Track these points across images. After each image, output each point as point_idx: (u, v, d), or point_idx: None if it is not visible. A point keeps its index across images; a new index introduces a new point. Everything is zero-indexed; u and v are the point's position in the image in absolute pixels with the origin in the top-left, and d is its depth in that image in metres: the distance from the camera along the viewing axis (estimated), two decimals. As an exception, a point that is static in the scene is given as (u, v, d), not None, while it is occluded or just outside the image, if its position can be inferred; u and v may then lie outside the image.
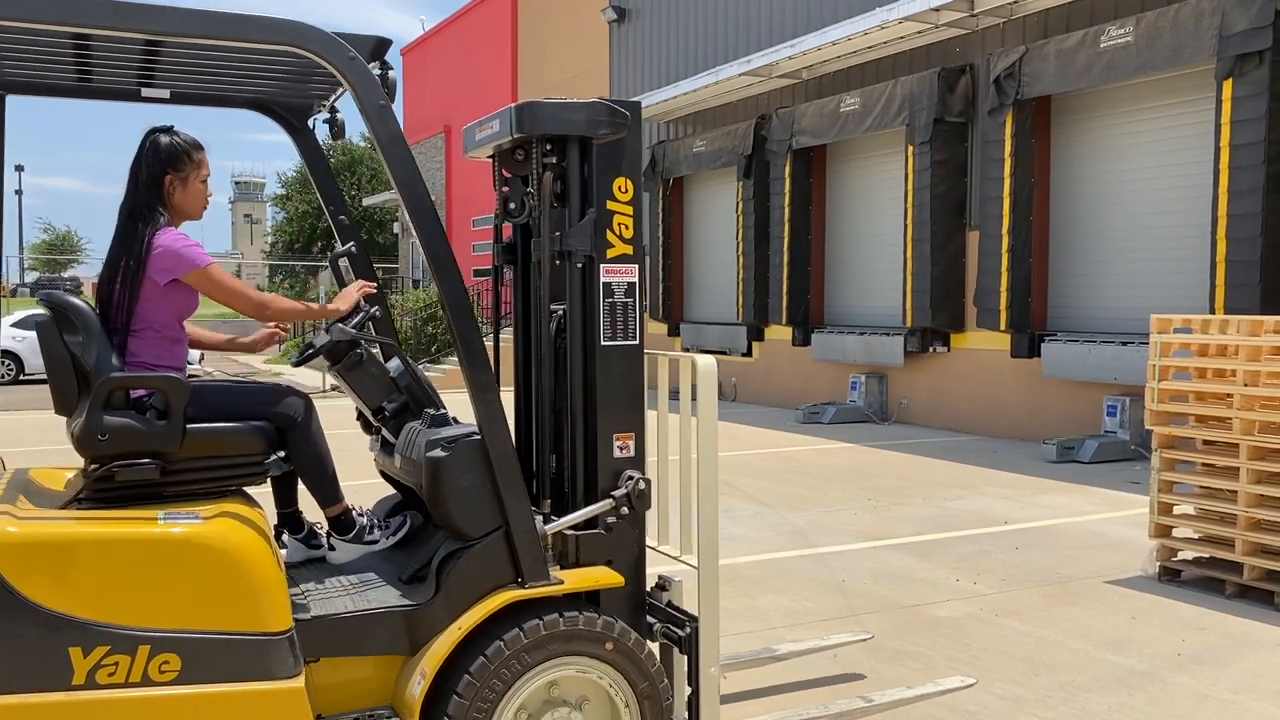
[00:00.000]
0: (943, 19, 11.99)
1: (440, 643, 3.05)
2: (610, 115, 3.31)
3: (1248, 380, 5.66)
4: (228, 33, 2.83)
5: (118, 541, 2.77)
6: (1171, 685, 4.50)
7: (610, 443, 3.41)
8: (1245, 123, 9.19)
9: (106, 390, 2.95)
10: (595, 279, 3.36)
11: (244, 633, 2.82)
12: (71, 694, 2.67)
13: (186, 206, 3.23)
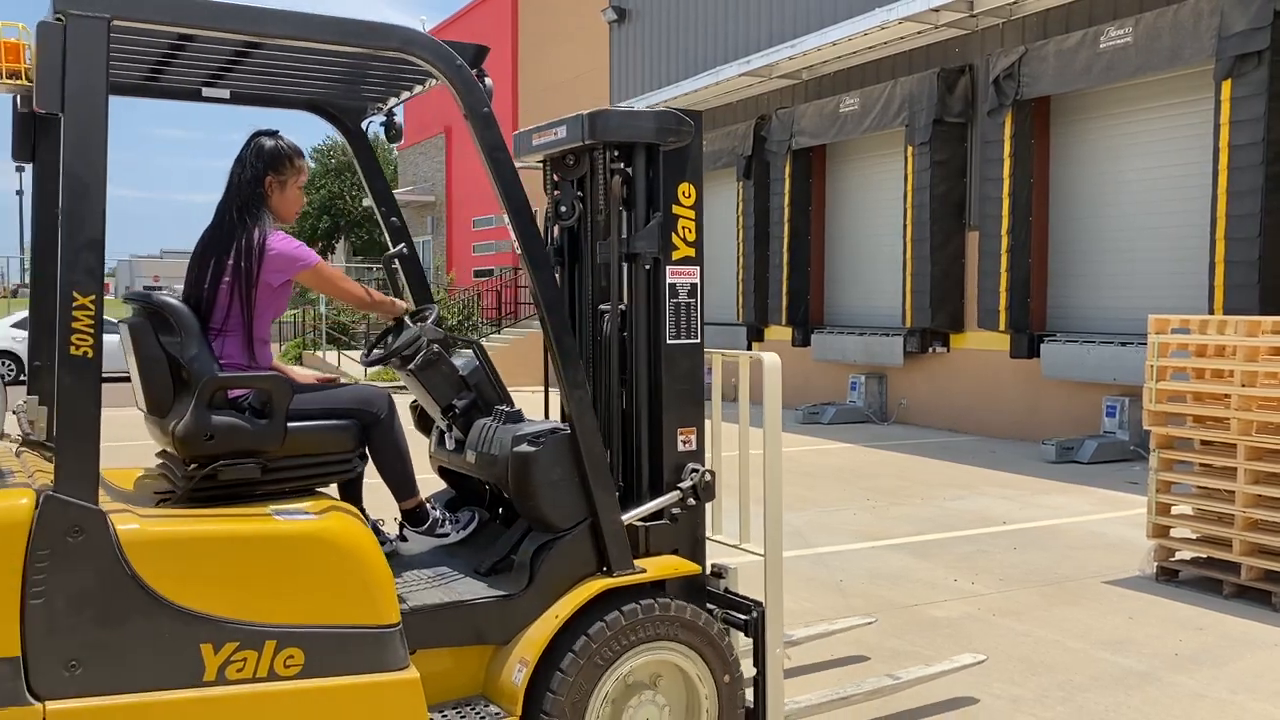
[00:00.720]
0: (942, 19, 11.99)
1: (538, 631, 3.13)
2: (677, 123, 3.47)
3: (1245, 381, 5.67)
4: (344, 38, 2.94)
5: (245, 538, 2.80)
6: (1169, 685, 4.51)
7: (674, 437, 3.53)
8: (1244, 123, 9.20)
9: (211, 390, 2.98)
10: (661, 280, 3.50)
11: (361, 626, 2.87)
12: (204, 690, 2.69)
13: (282, 209, 3.30)
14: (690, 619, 3.30)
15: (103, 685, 2.59)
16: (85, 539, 2.59)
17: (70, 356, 2.61)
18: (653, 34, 18.75)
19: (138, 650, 2.63)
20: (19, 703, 2.49)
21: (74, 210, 2.65)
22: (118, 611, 2.62)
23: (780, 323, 15.19)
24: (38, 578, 2.54)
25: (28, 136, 3.21)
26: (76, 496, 2.60)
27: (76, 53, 2.62)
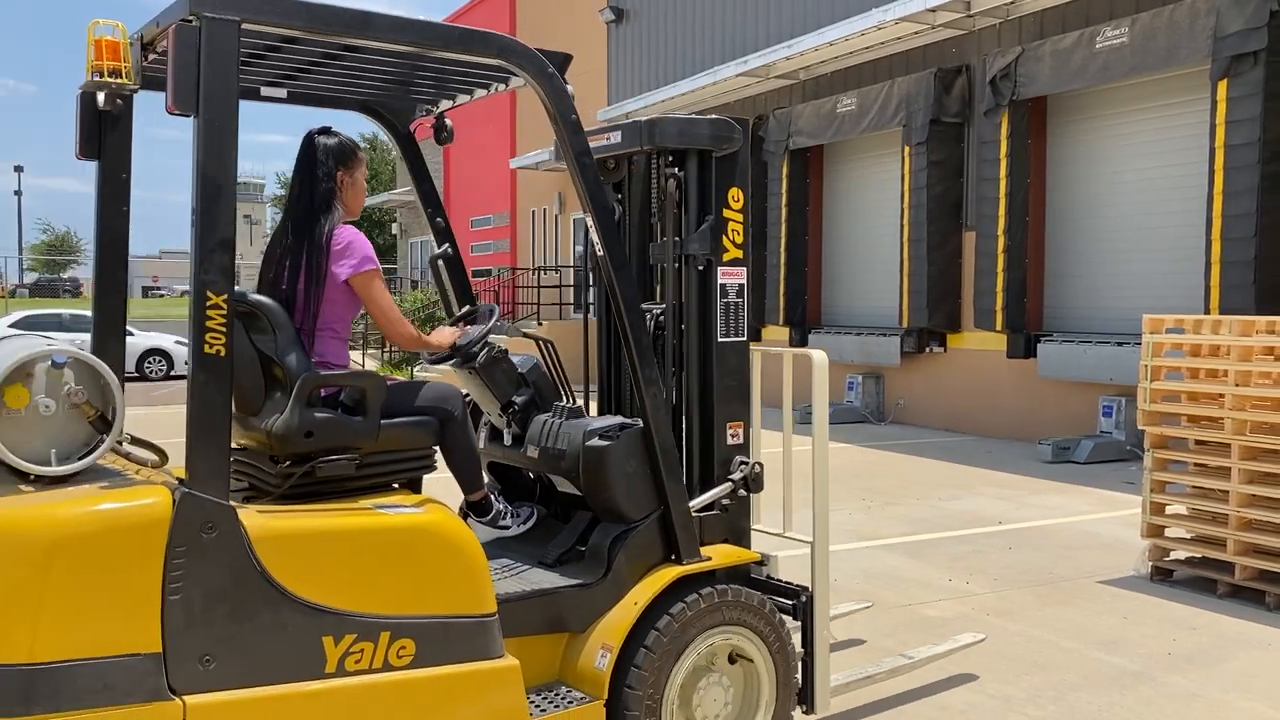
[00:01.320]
0: (939, 20, 11.99)
1: (619, 617, 3.25)
2: (730, 130, 3.64)
3: (1239, 380, 5.67)
4: (449, 45, 3.05)
5: (361, 532, 2.86)
6: (1162, 685, 4.51)
7: (724, 431, 3.68)
8: (1240, 123, 9.20)
9: (310, 388, 3.00)
10: (713, 280, 3.64)
11: (464, 616, 2.94)
12: (326, 682, 2.73)
13: (352, 203, 3.33)
14: (754, 604, 3.46)
15: (233, 679, 2.63)
16: (218, 535, 2.63)
17: (205, 355, 2.65)
18: (650, 34, 18.75)
19: (265, 644, 2.67)
20: (162, 698, 2.53)
21: (207, 210, 2.67)
22: (247, 606, 2.66)
23: (778, 323, 15.19)
24: (175, 574, 2.57)
25: (95, 134, 3.18)
26: (209, 493, 2.64)
27: (210, 54, 2.65)
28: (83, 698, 2.45)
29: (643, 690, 3.21)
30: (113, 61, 2.88)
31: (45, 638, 2.45)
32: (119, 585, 2.53)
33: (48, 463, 2.68)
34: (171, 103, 2.66)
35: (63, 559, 2.48)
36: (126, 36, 2.91)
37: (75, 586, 2.49)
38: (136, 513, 2.57)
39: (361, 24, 2.89)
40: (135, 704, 2.50)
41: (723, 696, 3.45)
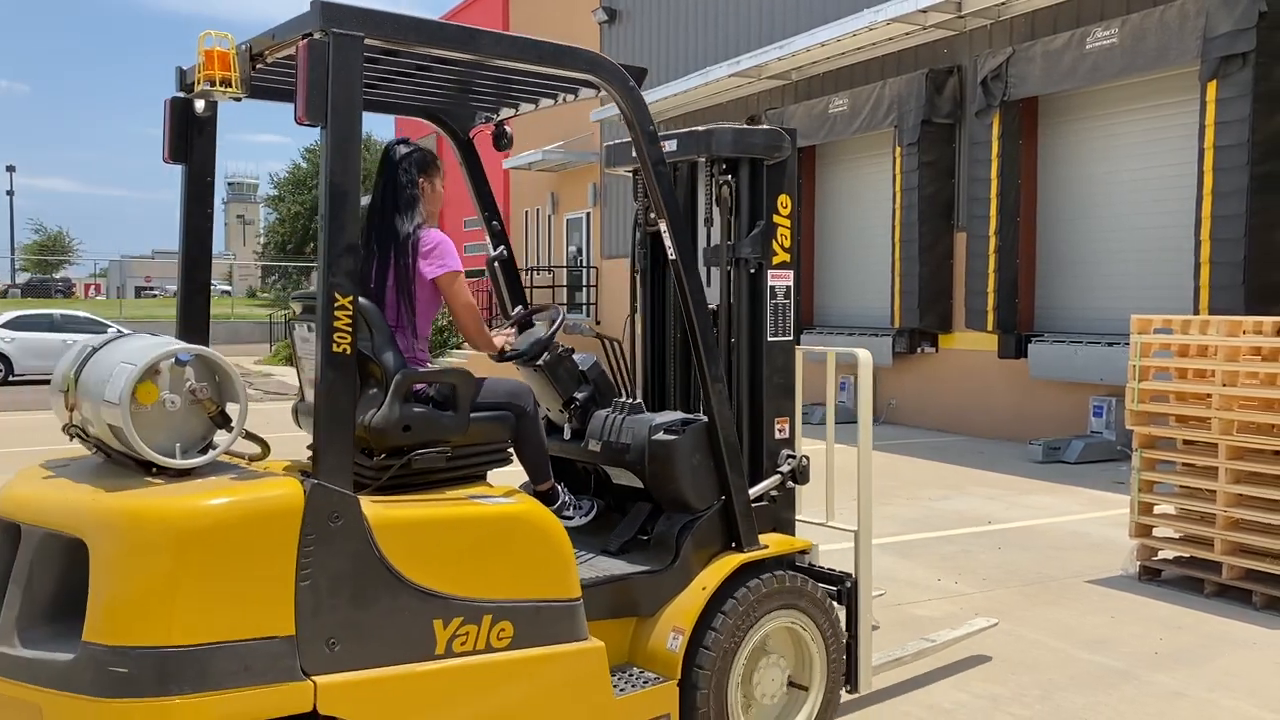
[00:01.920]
0: (930, 20, 12.01)
1: (689, 602, 3.43)
2: (781, 140, 3.82)
3: (1226, 380, 5.69)
4: (542, 59, 3.22)
5: (466, 520, 3.02)
6: (1147, 684, 4.53)
7: (773, 426, 3.89)
8: (1229, 124, 9.23)
9: (407, 384, 3.11)
10: (763, 283, 3.84)
11: (555, 600, 3.10)
12: (436, 663, 2.86)
13: (432, 209, 3.46)
14: (807, 589, 3.68)
15: (355, 661, 2.74)
16: (344, 524, 2.74)
17: (332, 354, 2.76)
18: (643, 34, 18.76)
19: (383, 627, 2.79)
20: (295, 679, 2.64)
21: (335, 216, 2.78)
22: (368, 591, 2.77)
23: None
24: (306, 561, 2.68)
25: (184, 139, 3.30)
26: (336, 484, 2.75)
27: (338, 68, 2.75)
28: (223, 679, 2.55)
29: (711, 670, 3.39)
30: (222, 71, 2.96)
31: (185, 622, 2.53)
32: (256, 572, 2.63)
33: (173, 455, 2.76)
34: (302, 114, 2.75)
35: (204, 547, 2.57)
36: (234, 47, 3.01)
37: (215, 573, 2.58)
38: (272, 503, 2.68)
39: (468, 39, 3.07)
40: (271, 684, 2.60)
41: (779, 677, 3.65)
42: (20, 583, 2.72)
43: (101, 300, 52.39)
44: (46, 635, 2.65)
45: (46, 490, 2.81)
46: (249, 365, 24.81)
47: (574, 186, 21.86)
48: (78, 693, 2.51)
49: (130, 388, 2.67)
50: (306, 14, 2.81)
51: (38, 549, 2.73)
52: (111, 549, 2.56)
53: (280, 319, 28.28)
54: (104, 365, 2.82)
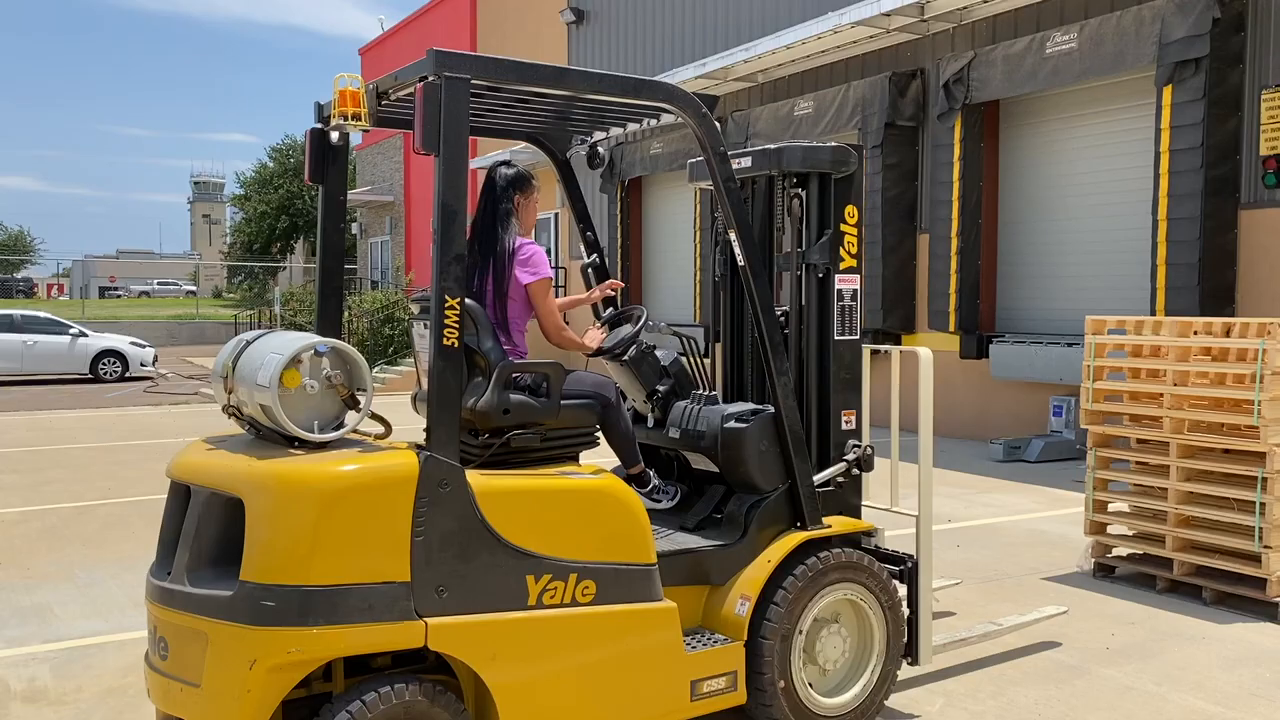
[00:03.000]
0: (894, 24, 12.12)
1: (755, 573, 3.83)
2: (847, 156, 4.22)
3: (1177, 380, 5.80)
4: (627, 92, 3.68)
5: (558, 490, 3.46)
6: (1098, 678, 4.61)
7: (840, 417, 4.26)
8: (1184, 128, 9.39)
9: (508, 374, 3.55)
10: (831, 286, 4.22)
11: (633, 564, 3.52)
12: (528, 613, 3.32)
13: (526, 221, 3.92)
14: (868, 565, 4.01)
15: (460, 607, 3.20)
16: (451, 490, 3.21)
17: (443, 346, 3.24)
18: (611, 35, 18.79)
19: (483, 579, 3.25)
20: (410, 618, 3.13)
21: (446, 230, 3.26)
22: (471, 547, 3.23)
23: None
24: (420, 519, 3.15)
25: (321, 163, 3.84)
26: (445, 456, 3.22)
27: (450, 106, 3.24)
28: (351, 615, 3.05)
29: (775, 634, 3.75)
30: (354, 107, 3.54)
31: (322, 566, 3.03)
32: (379, 527, 3.11)
33: (312, 431, 3.27)
34: (419, 144, 3.24)
35: (341, 505, 3.07)
36: (363, 87, 3.58)
37: (346, 527, 3.07)
38: (395, 470, 3.16)
39: (560, 77, 3.56)
40: (390, 621, 3.09)
41: (841, 645, 4.00)
42: (189, 534, 3.24)
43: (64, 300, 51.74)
44: (210, 576, 3.16)
45: (210, 459, 3.32)
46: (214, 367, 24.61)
47: (542, 187, 21.84)
48: (236, 621, 3.02)
49: (278, 374, 3.18)
50: (424, 60, 3.29)
51: (204, 506, 3.24)
52: (264, 505, 3.06)
53: (246, 320, 28.07)
54: (257, 355, 3.32)
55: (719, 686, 3.69)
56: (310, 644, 3.01)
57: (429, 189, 26.98)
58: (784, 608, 3.79)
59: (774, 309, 3.96)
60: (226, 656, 3.03)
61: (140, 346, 22.09)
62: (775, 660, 3.75)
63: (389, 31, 29.45)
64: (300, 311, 24.00)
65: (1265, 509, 5.38)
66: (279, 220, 46.09)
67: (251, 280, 49.71)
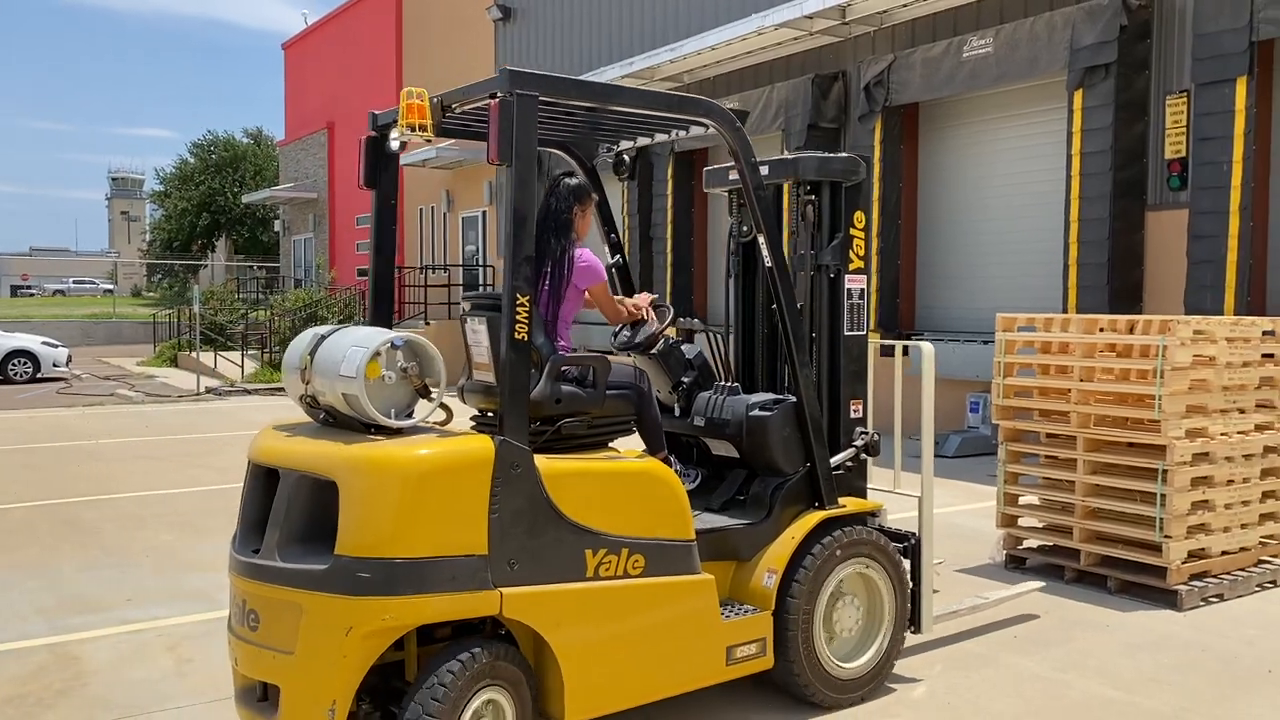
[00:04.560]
0: (817, 26, 12.27)
1: (781, 549, 4.16)
2: (857, 166, 4.59)
3: (1084, 376, 5.97)
4: (669, 108, 4.07)
5: (612, 472, 3.78)
6: (1005, 666, 4.73)
7: (849, 407, 4.60)
8: (1094, 132, 9.66)
9: (559, 367, 3.85)
10: (841, 286, 4.57)
11: (676, 539, 3.83)
12: (586, 584, 3.61)
13: (582, 230, 4.19)
14: (878, 541, 4.36)
15: (529, 578, 3.48)
16: (522, 471, 3.48)
17: (515, 340, 3.49)
18: (538, 33, 18.73)
19: (550, 553, 3.53)
20: (487, 588, 3.40)
21: (517, 234, 3.51)
22: (539, 525, 3.51)
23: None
24: (495, 498, 3.42)
25: (375, 169, 4.13)
26: (517, 440, 3.49)
27: (521, 121, 3.50)
28: (436, 584, 3.32)
29: (799, 604, 4.07)
30: (420, 119, 3.74)
31: (410, 540, 3.29)
32: (459, 505, 3.38)
33: (390, 417, 3.54)
34: (494, 156, 3.49)
35: (427, 484, 3.34)
36: (428, 100, 3.78)
37: (433, 504, 3.34)
38: (473, 454, 3.43)
39: (615, 93, 3.95)
40: (471, 591, 3.37)
41: (854, 615, 4.33)
42: (279, 513, 3.47)
43: None
44: (299, 553, 3.40)
45: (294, 444, 3.57)
46: (130, 367, 23.99)
47: (469, 184, 21.69)
48: (331, 592, 3.26)
49: (364, 365, 3.46)
50: (497, 78, 3.55)
51: (293, 488, 3.46)
52: (358, 485, 3.31)
53: (164, 319, 27.40)
54: (336, 349, 3.59)
55: (750, 652, 4.01)
56: (400, 611, 3.27)
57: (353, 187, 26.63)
58: (806, 580, 4.09)
59: (797, 306, 4.26)
60: (322, 625, 3.27)
61: (53, 346, 21.42)
62: (800, 628, 4.07)
63: (312, 26, 28.99)
64: (220, 310, 23.48)
65: (1165, 500, 5.57)
66: (200, 217, 45.08)
67: (172, 279, 48.51)
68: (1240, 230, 8.76)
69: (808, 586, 4.10)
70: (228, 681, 4.38)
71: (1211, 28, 8.90)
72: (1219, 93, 8.82)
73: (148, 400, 17.09)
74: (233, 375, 19.64)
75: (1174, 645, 5.01)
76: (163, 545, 7.06)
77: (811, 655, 4.13)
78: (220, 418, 14.64)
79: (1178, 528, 5.59)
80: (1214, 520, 5.75)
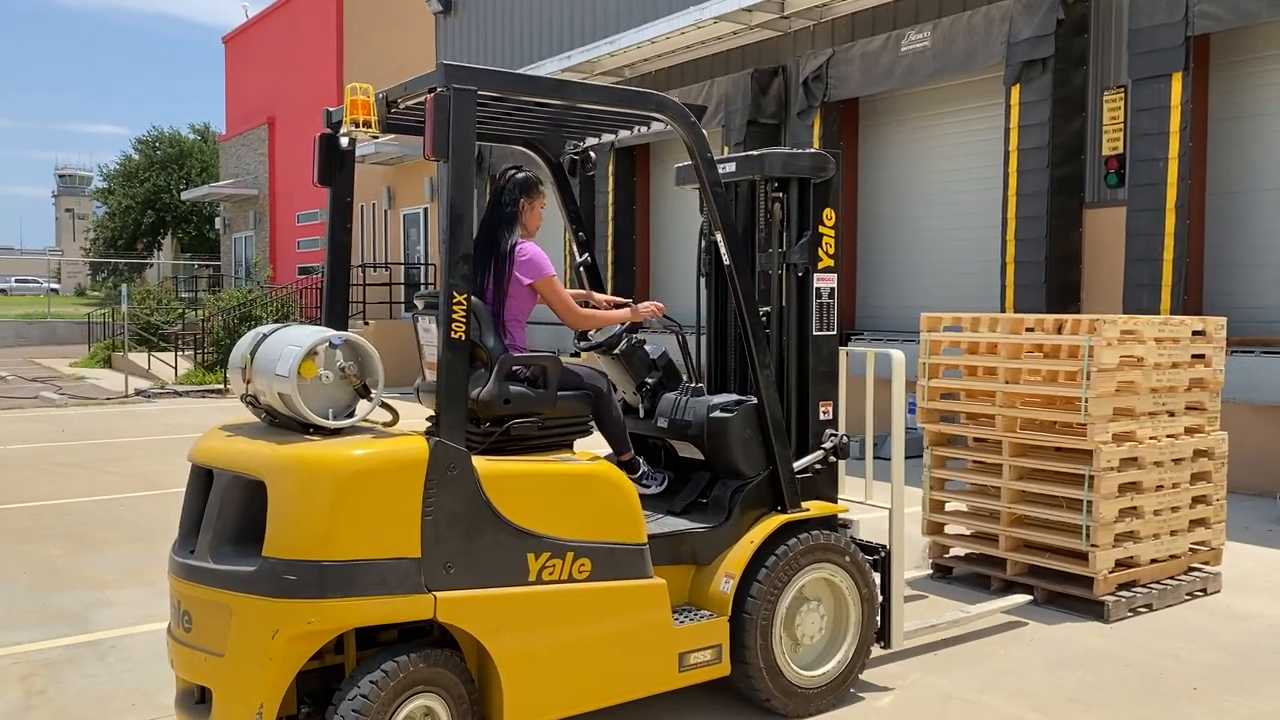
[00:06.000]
0: (755, 20, 12.02)
1: (739, 553, 4.05)
2: (826, 162, 4.44)
3: (1009, 378, 5.73)
4: (621, 103, 3.95)
5: (557, 475, 3.69)
6: (920, 687, 4.46)
7: (818, 408, 4.47)
8: (1031, 128, 9.49)
9: (508, 367, 3.77)
10: (810, 285, 4.43)
11: (626, 543, 3.75)
12: (529, 588, 3.53)
13: (530, 224, 4.12)
14: (843, 546, 4.24)
15: (467, 582, 3.42)
16: (459, 473, 3.42)
17: (451, 339, 3.43)
18: (478, 26, 18.35)
19: (489, 556, 3.46)
20: (420, 592, 3.33)
21: (454, 231, 3.44)
22: (476, 527, 3.44)
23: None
24: (429, 500, 3.36)
25: (329, 167, 4.03)
26: (454, 441, 3.43)
27: (457, 115, 3.44)
28: (366, 588, 3.25)
29: (757, 610, 3.97)
30: (365, 115, 3.70)
31: (339, 542, 3.23)
32: (392, 507, 3.32)
33: (327, 418, 3.47)
34: (429, 151, 3.44)
35: (357, 486, 3.28)
36: (373, 96, 3.73)
37: (362, 506, 3.28)
38: (406, 455, 3.37)
39: (560, 88, 3.83)
40: (402, 594, 3.30)
41: (819, 622, 4.22)
42: (212, 514, 3.42)
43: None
44: (232, 553, 3.34)
45: (231, 444, 3.50)
46: (62, 368, 23.25)
47: (410, 181, 21.25)
48: (258, 594, 3.21)
49: (297, 364, 3.39)
50: (434, 73, 3.48)
51: (226, 488, 3.41)
52: (286, 486, 3.26)
53: (99, 319, 26.65)
54: (275, 347, 3.52)
55: (705, 659, 3.92)
56: (327, 615, 3.22)
57: (294, 183, 26.07)
58: (765, 585, 4.00)
59: (757, 305, 4.19)
60: (250, 627, 3.22)
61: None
62: (757, 634, 3.97)
63: (253, 19, 28.36)
64: (157, 310, 22.83)
65: (1092, 507, 5.35)
66: (144, 215, 44.10)
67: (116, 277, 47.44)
68: (1176, 228, 8.61)
69: (766, 592, 4.00)
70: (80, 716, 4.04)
71: (1147, 22, 8.75)
72: (1155, 88, 8.67)
73: (71, 403, 16.50)
74: (166, 376, 19.05)
75: (1098, 661, 4.77)
76: (45, 560, 6.63)
77: (770, 662, 4.02)
78: (144, 421, 14.12)
79: (1105, 536, 5.36)
80: (1143, 527, 5.54)
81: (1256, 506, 7.91)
